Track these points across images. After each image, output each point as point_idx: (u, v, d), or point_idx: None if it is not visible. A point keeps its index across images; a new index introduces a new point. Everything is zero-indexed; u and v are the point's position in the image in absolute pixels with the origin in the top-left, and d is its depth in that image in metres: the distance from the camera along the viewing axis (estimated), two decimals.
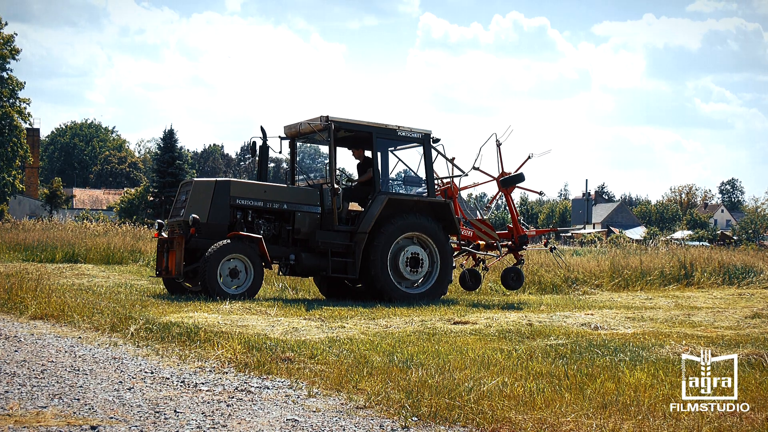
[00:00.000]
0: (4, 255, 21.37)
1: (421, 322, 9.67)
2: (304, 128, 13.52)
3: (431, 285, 13.61)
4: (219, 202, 12.65)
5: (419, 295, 13.36)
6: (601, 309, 12.19)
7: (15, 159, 47.63)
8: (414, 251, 13.44)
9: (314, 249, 13.07)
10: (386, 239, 13.16)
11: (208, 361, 6.47)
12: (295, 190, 13.55)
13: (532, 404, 5.05)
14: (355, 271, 13.08)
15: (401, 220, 13.33)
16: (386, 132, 13.69)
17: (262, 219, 13.09)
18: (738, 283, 18.81)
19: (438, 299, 13.57)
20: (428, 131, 14.04)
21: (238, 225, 12.73)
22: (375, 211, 13.11)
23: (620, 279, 18.75)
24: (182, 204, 12.75)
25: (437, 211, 13.82)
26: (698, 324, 10.25)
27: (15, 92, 46.13)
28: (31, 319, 8.86)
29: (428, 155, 14.04)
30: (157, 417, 4.70)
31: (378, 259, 13.04)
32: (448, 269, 13.79)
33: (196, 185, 12.84)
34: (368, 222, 13.10)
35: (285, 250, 13.05)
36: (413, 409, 4.93)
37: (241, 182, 13.47)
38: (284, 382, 5.75)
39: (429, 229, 13.57)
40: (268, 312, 10.17)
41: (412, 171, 14.47)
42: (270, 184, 13.52)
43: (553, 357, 6.97)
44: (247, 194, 12.96)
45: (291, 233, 13.17)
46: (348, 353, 6.85)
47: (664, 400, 5.24)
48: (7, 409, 4.73)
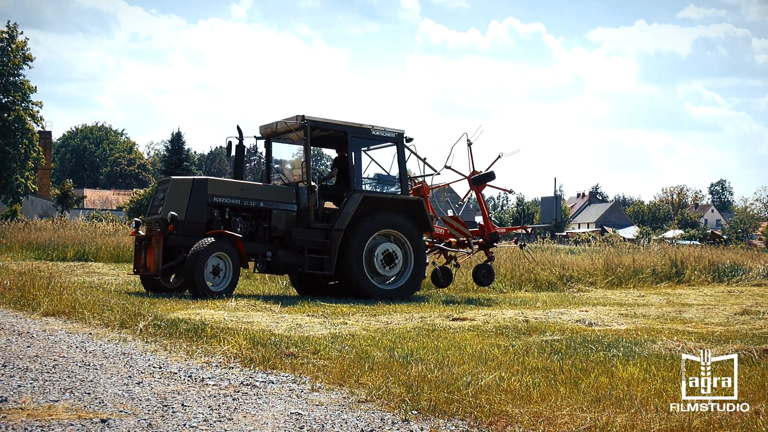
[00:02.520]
0: (17, 253, 21.43)
1: (420, 319, 9.76)
2: (281, 127, 13.54)
3: (405, 281, 13.70)
4: (196, 200, 12.64)
5: (393, 291, 13.42)
6: (595, 306, 12.31)
7: (28, 161, 47.61)
8: (388, 248, 13.56)
9: (291, 246, 13.12)
10: (361, 236, 13.25)
11: (215, 356, 6.56)
12: (272, 188, 13.64)
13: (528, 398, 5.13)
14: (331, 267, 13.11)
15: (376, 218, 13.43)
16: (361, 131, 13.81)
17: (239, 217, 13.11)
18: (728, 281, 18.95)
19: (411, 295, 13.69)
20: (401, 131, 14.13)
21: (216, 223, 12.72)
22: (351, 208, 13.19)
23: (614, 277, 18.89)
24: (160, 202, 12.70)
25: (411, 208, 13.92)
26: (689, 320, 10.36)
27: (27, 96, 46.07)
28: (43, 316, 8.93)
29: (401, 154, 14.13)
30: (165, 410, 4.77)
31: (354, 256, 13.12)
32: (422, 266, 13.89)
33: (174, 183, 12.80)
34: (344, 219, 13.16)
35: (262, 247, 13.05)
36: (413, 403, 5.01)
37: (219, 180, 13.44)
38: (288, 377, 5.84)
39: (403, 227, 13.70)
40: (273, 309, 10.27)
41: (384, 170, 14.53)
42: (246, 183, 13.58)
43: (548, 352, 7.07)
44: (225, 192, 12.97)
45: (268, 231, 13.21)
46: (350, 349, 6.94)
47: (657, 395, 5.32)
48: (20, 403, 4.80)
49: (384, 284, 13.58)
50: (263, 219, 13.26)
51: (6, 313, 9.11)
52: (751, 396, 5.38)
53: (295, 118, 13.23)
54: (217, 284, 12.05)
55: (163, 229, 12.27)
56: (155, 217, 12.59)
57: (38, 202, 69.26)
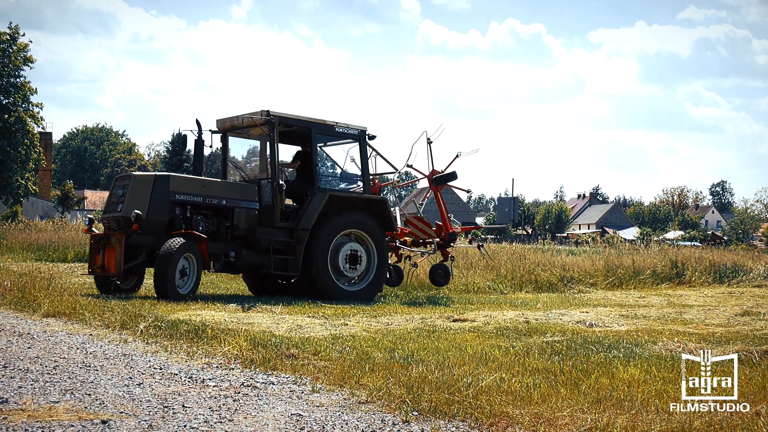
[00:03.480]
0: (17, 255, 21.46)
1: (421, 320, 9.78)
2: (245, 122, 13.10)
3: (369, 282, 13.41)
4: (158, 197, 12.02)
5: (357, 293, 13.10)
6: (596, 307, 12.33)
7: (28, 162, 47.66)
8: (353, 248, 13.22)
9: (254, 246, 12.65)
10: (327, 236, 12.88)
11: (215, 357, 6.57)
12: (234, 185, 13.13)
13: (529, 399, 5.13)
14: (296, 268, 12.73)
15: (341, 217, 13.07)
16: (325, 128, 13.45)
17: (200, 215, 12.57)
18: (728, 282, 18.97)
19: (375, 297, 13.45)
20: (364, 128, 13.77)
21: (177, 221, 12.23)
22: (317, 207, 12.79)
23: (614, 278, 18.90)
24: (119, 199, 12.01)
25: (374, 208, 13.61)
26: (690, 321, 10.38)
27: (28, 97, 46.17)
28: (43, 317, 8.94)
29: (364, 152, 13.75)
30: (165, 411, 4.78)
31: (320, 257, 12.76)
32: (385, 266, 13.65)
33: (135, 180, 12.17)
34: (310, 219, 12.76)
35: (224, 246, 12.56)
36: (414, 404, 5.01)
37: (181, 177, 12.90)
38: (289, 378, 5.84)
39: (367, 226, 13.38)
40: (273, 310, 10.28)
41: (339, 166, 14.24)
42: (209, 179, 13.02)
43: (549, 353, 7.08)
44: (187, 189, 12.39)
45: (229, 230, 12.70)
46: (350, 350, 6.95)
47: (657, 396, 5.32)
48: (21, 404, 4.81)
49: (348, 285, 13.26)
50: (225, 218, 12.75)
51: (7, 315, 9.12)
52: (752, 397, 5.38)
53: (260, 113, 12.77)
54: (183, 286, 11.61)
55: (124, 227, 11.67)
56: (114, 215, 11.90)
57: (39, 204, 69.33)
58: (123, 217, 11.67)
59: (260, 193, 12.90)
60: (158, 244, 11.70)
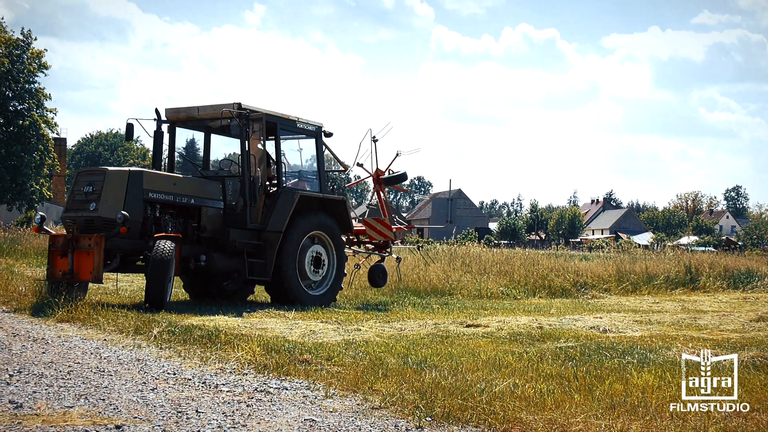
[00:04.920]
0: (32, 260, 21.51)
1: (434, 325, 9.77)
2: (207, 114, 12.12)
3: (330, 285, 12.79)
4: (133, 195, 10.81)
5: (320, 297, 12.47)
6: (610, 312, 12.27)
7: (43, 167, 47.85)
8: (317, 251, 12.58)
9: (224, 249, 11.69)
10: (296, 239, 12.14)
11: (229, 362, 6.59)
12: (202, 182, 11.95)
13: (543, 405, 5.13)
14: (267, 273, 11.87)
15: (306, 219, 12.32)
16: (287, 123, 12.62)
17: (168, 215, 11.44)
18: (743, 288, 18.86)
19: (334, 300, 12.96)
20: (321, 124, 13.04)
21: (149, 222, 11.15)
22: (288, 208, 11.99)
23: (628, 283, 18.82)
24: (88, 196, 10.67)
25: (334, 208, 12.96)
26: (704, 327, 10.34)
27: (42, 103, 46.47)
28: (58, 322, 8.97)
29: (320, 149, 13.06)
30: (179, 417, 4.80)
31: (289, 261, 12.00)
32: (343, 268, 13.08)
33: (110, 176, 10.77)
34: (281, 220, 11.96)
35: (194, 250, 11.53)
36: (427, 410, 5.02)
37: (154, 173, 11.55)
38: (302, 383, 5.86)
39: (329, 228, 12.76)
40: (287, 315, 10.29)
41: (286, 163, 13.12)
42: (179, 176, 11.92)
43: (562, 359, 7.07)
44: (159, 187, 11.23)
45: (197, 231, 11.69)
46: (364, 355, 6.96)
47: (672, 401, 5.31)
48: (35, 409, 4.84)
49: (311, 289, 12.55)
50: (192, 218, 11.69)
51: (21, 320, 9.16)
52: (753, 397, 5.42)
53: (232, 105, 11.78)
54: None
55: (100, 229, 10.40)
56: (85, 215, 10.59)
57: (53, 209, 69.66)
58: (101, 217, 10.46)
59: (225, 191, 12.00)
60: (134, 248, 10.82)
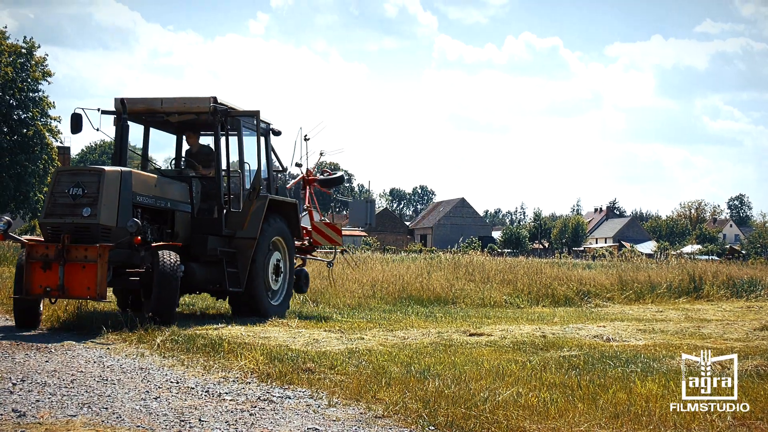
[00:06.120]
0: None
1: (437, 334, 9.76)
2: (172, 107, 11.19)
3: (285, 293, 11.99)
4: (125, 199, 9.65)
5: (278, 307, 11.63)
6: (613, 321, 12.26)
7: (46, 176, 47.91)
8: (277, 258, 11.73)
9: (200, 257, 10.68)
10: (264, 245, 11.26)
11: (232, 371, 6.60)
12: (173, 184, 10.85)
13: (546, 414, 5.13)
14: (240, 283, 10.89)
15: (270, 224, 11.44)
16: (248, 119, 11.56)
17: (145, 220, 10.22)
18: (746, 296, 18.82)
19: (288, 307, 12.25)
20: (268, 122, 12.09)
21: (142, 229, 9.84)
22: (259, 213, 11.08)
23: (631, 292, 18.78)
24: (79, 200, 9.35)
25: (286, 212, 12.05)
26: (708, 336, 10.32)
27: (46, 111, 46.59)
28: (60, 331, 8.97)
29: (268, 148, 12.11)
30: (182, 426, 4.81)
31: (260, 269, 11.13)
32: (293, 274, 12.27)
33: (108, 176, 9.56)
34: (255, 226, 11.04)
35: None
36: (430, 419, 5.02)
37: (140, 174, 10.44)
38: (305, 392, 5.86)
39: (285, 233, 11.92)
40: (290, 324, 10.29)
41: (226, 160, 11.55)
42: (159, 177, 10.83)
43: (566, 368, 7.06)
44: (145, 190, 10.14)
45: (170, 237, 10.58)
46: (367, 364, 6.95)
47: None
48: (38, 418, 4.85)
49: (271, 299, 11.62)
50: (164, 223, 10.65)
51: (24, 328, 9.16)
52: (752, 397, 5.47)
53: (206, 99, 11.01)
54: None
55: (98, 237, 9.17)
56: (78, 221, 9.28)
57: None
58: (100, 225, 9.26)
59: (191, 194, 11.00)
60: (128, 259, 9.69)
